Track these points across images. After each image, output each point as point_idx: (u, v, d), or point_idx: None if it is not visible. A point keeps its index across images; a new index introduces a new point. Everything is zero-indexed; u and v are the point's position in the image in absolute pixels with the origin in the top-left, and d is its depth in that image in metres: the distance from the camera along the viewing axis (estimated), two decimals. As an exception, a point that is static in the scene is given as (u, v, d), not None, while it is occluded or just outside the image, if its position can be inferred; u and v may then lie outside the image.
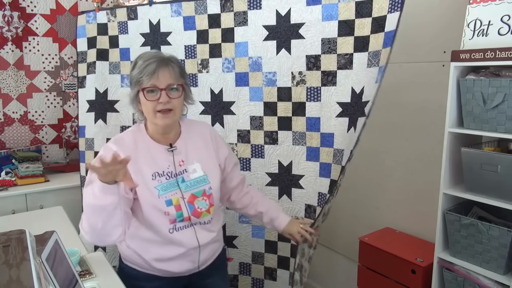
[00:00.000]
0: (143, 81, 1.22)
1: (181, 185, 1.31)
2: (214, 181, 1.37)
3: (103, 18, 2.10)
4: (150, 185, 1.28)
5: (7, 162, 2.48)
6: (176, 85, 1.25)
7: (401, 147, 2.08)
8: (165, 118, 1.25)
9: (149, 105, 1.24)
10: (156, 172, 1.30)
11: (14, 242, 0.81)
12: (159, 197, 1.27)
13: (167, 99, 1.22)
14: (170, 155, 1.32)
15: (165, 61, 1.24)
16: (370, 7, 1.49)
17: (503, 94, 1.42)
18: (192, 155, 1.36)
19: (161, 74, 1.21)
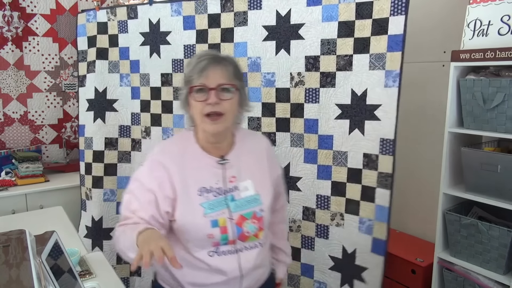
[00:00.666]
0: (193, 79, 1.10)
1: (230, 204, 1.15)
2: (266, 203, 1.20)
3: (103, 17, 2.10)
4: (195, 201, 1.12)
5: (7, 162, 2.48)
6: (229, 85, 1.09)
7: (401, 147, 2.08)
8: (214, 124, 1.09)
9: (197, 106, 1.10)
10: (203, 187, 1.14)
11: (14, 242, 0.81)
12: (205, 216, 1.11)
13: (216, 100, 1.07)
14: (220, 169, 1.16)
15: (218, 59, 1.11)
16: (370, 8, 1.48)
17: (503, 94, 1.42)
18: (245, 171, 1.19)
19: (211, 72, 1.08)
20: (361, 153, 1.57)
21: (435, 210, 1.68)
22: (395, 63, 1.46)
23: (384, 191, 1.54)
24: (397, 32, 1.44)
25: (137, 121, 2.08)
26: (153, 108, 2.02)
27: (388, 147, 1.52)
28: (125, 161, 2.11)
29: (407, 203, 2.12)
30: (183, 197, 1.12)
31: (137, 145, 2.09)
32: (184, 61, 1.92)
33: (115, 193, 2.12)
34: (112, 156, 2.11)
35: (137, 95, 2.07)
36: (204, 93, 1.08)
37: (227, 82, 1.09)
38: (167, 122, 1.99)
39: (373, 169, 1.55)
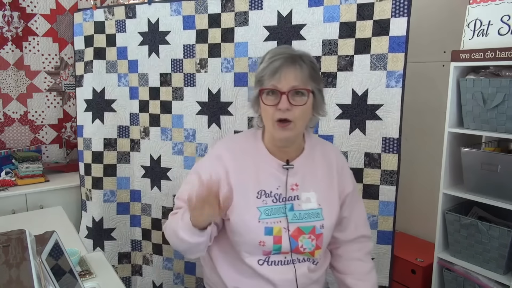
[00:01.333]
0: (264, 80, 1.03)
1: (288, 213, 1.07)
2: (329, 219, 1.10)
3: (101, 16, 2.09)
4: (252, 204, 1.06)
5: (7, 162, 2.48)
6: (303, 89, 1.01)
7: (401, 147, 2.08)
8: (283, 131, 1.02)
9: (267, 110, 1.03)
10: (263, 190, 1.07)
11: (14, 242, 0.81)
12: (259, 221, 1.05)
13: (288, 105, 0.99)
14: (283, 174, 1.09)
15: (293, 59, 1.02)
16: (371, 9, 1.50)
17: (503, 94, 1.42)
18: (310, 181, 1.11)
19: (284, 74, 1.00)
20: (362, 153, 1.58)
21: (435, 210, 1.68)
22: (398, 64, 1.47)
23: (389, 187, 1.56)
24: (399, 33, 1.46)
25: (135, 122, 2.08)
26: (152, 108, 2.02)
27: (392, 145, 1.53)
28: (124, 162, 2.11)
29: (407, 203, 2.12)
30: (240, 197, 1.06)
31: (136, 145, 2.09)
32: (184, 61, 1.91)
33: (115, 194, 2.12)
34: (111, 156, 2.11)
35: (136, 95, 2.07)
36: (275, 96, 1.01)
37: (300, 85, 1.01)
38: (166, 122, 1.99)
39: (375, 168, 1.56)
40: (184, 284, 2.05)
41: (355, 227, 1.19)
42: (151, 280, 2.13)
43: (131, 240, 2.14)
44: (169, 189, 2.00)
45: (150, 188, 2.06)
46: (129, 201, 2.12)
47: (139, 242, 2.13)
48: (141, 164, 2.07)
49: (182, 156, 1.96)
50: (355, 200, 1.20)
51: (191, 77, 1.91)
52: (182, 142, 1.96)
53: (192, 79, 1.91)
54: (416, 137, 2.06)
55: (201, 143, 1.91)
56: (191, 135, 1.93)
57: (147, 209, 2.08)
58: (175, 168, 1.98)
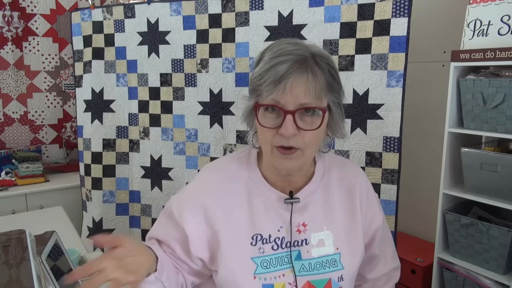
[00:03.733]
0: (262, 91, 0.73)
1: (295, 263, 0.80)
2: (350, 268, 0.83)
3: (99, 16, 2.09)
4: (245, 253, 0.80)
5: (7, 162, 2.48)
6: (316, 108, 0.73)
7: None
8: (286, 161, 0.75)
9: (265, 133, 0.76)
10: (259, 234, 0.81)
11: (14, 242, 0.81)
12: (255, 277, 0.78)
13: (294, 130, 0.71)
14: (286, 211, 0.82)
15: (305, 62, 0.72)
16: (372, 10, 1.51)
17: (503, 94, 1.42)
18: (323, 217, 0.84)
19: (291, 86, 0.70)
20: (363, 152, 1.58)
21: (435, 210, 1.68)
22: (398, 63, 1.48)
23: (390, 186, 1.56)
24: (399, 33, 1.46)
25: (135, 122, 2.08)
26: (152, 109, 2.02)
27: (393, 144, 1.53)
28: (123, 162, 2.11)
29: (407, 203, 2.12)
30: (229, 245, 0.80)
31: (135, 146, 2.09)
32: (184, 61, 1.91)
33: (114, 195, 2.12)
34: (110, 157, 2.11)
35: (135, 95, 2.06)
36: (276, 114, 0.73)
37: (313, 103, 0.72)
38: (166, 122, 1.99)
39: (377, 166, 1.57)
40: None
41: (385, 262, 0.96)
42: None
43: (131, 240, 2.14)
44: (171, 189, 2.00)
45: (150, 189, 2.06)
46: (128, 201, 2.12)
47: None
48: (140, 165, 2.07)
49: (184, 156, 1.96)
50: (384, 231, 0.94)
51: (192, 77, 1.91)
52: (184, 142, 1.96)
53: (193, 79, 1.91)
54: (416, 137, 2.06)
55: (203, 143, 1.92)
56: (193, 135, 1.93)
57: (147, 210, 2.08)
58: (177, 168, 1.98)
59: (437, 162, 1.67)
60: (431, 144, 1.97)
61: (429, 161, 2.01)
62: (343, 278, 0.82)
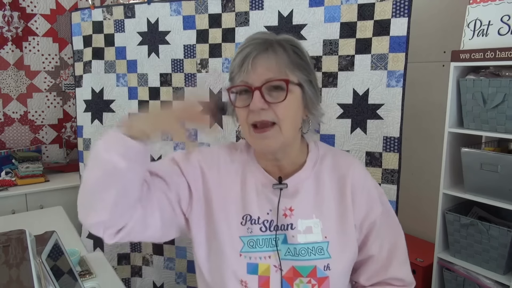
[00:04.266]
0: (234, 77, 0.81)
1: (281, 246, 0.81)
2: (338, 258, 0.81)
3: (99, 16, 2.09)
4: (235, 231, 0.82)
5: (7, 162, 2.48)
6: (279, 81, 0.75)
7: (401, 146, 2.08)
8: (264, 139, 0.77)
9: (240, 114, 0.80)
10: (249, 215, 0.83)
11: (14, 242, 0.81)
12: (241, 255, 0.81)
13: (262, 103, 0.75)
14: (275, 195, 0.83)
15: (264, 45, 0.78)
16: (372, 10, 1.51)
17: (503, 94, 1.42)
18: (312, 204, 0.84)
19: (254, 65, 0.76)
20: (363, 152, 1.58)
21: (435, 210, 1.68)
22: (398, 63, 1.48)
23: (390, 186, 1.56)
24: (399, 33, 1.46)
25: (135, 122, 2.08)
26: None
27: (393, 144, 1.53)
28: (124, 162, 2.11)
29: (407, 203, 2.12)
30: (220, 221, 0.83)
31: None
32: (184, 61, 1.91)
33: (114, 194, 2.12)
34: (111, 156, 2.11)
35: (135, 95, 2.06)
36: (248, 94, 0.77)
37: (277, 75, 0.75)
38: (167, 122, 1.99)
39: (377, 166, 1.57)
40: (186, 283, 2.05)
41: (387, 267, 0.87)
42: (152, 281, 2.13)
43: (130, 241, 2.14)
44: (170, 189, 2.00)
45: (150, 188, 2.06)
46: (129, 201, 2.12)
47: (139, 243, 2.13)
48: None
49: (184, 156, 1.96)
50: (388, 230, 0.88)
51: (192, 77, 1.91)
52: (184, 142, 1.95)
53: (193, 79, 1.91)
54: (416, 137, 2.06)
55: (203, 143, 1.92)
56: (193, 135, 1.93)
57: (147, 209, 2.08)
58: (176, 168, 1.98)
59: (437, 162, 1.67)
60: (431, 144, 1.97)
61: (429, 161, 2.00)
62: (330, 268, 0.80)
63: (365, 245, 0.87)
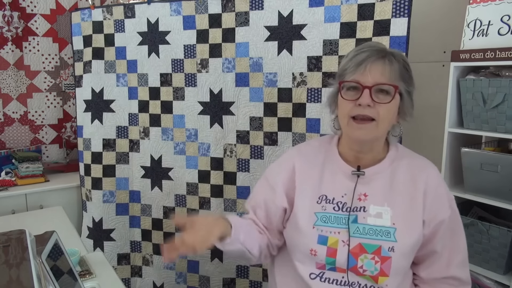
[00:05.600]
0: (346, 74, 0.92)
1: (351, 225, 0.93)
2: (403, 243, 0.91)
3: (99, 16, 2.09)
4: (310, 208, 0.97)
5: (7, 162, 2.48)
6: (388, 85, 0.88)
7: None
8: (360, 130, 0.89)
9: (344, 106, 0.91)
10: (324, 195, 0.97)
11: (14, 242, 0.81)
12: (314, 227, 0.95)
13: (369, 100, 0.87)
14: (352, 181, 0.96)
15: (382, 53, 0.90)
16: (372, 10, 1.51)
17: (503, 94, 1.42)
18: (385, 194, 0.95)
19: (370, 68, 0.88)
20: None
21: (435, 210, 1.68)
22: None
23: None
24: (399, 33, 1.46)
25: (135, 122, 2.08)
26: (152, 109, 2.02)
27: None
28: (123, 162, 2.11)
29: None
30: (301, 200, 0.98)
31: (135, 146, 2.09)
32: (185, 61, 1.91)
33: (114, 195, 2.12)
34: (110, 157, 2.11)
35: (135, 95, 2.06)
36: (356, 91, 0.89)
37: (387, 81, 0.88)
38: (166, 122, 1.99)
39: None
40: (186, 283, 2.05)
41: (447, 265, 0.96)
42: (152, 281, 2.13)
43: (130, 241, 2.14)
44: (171, 188, 2.00)
45: (150, 189, 2.06)
46: (128, 201, 2.12)
47: (139, 243, 2.13)
48: (140, 165, 2.07)
49: (184, 156, 1.96)
50: (453, 232, 0.97)
51: (192, 77, 1.91)
52: (184, 142, 1.96)
53: (193, 79, 1.91)
54: (416, 137, 2.06)
55: (203, 143, 1.92)
56: (193, 134, 1.94)
57: (147, 210, 2.08)
58: (177, 168, 1.98)
59: (437, 162, 1.66)
60: (431, 144, 1.97)
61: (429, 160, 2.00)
62: (394, 250, 0.89)
63: (431, 241, 0.95)
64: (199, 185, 1.94)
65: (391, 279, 0.90)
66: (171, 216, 2.01)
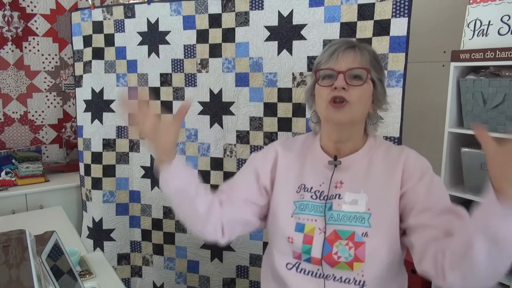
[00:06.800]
0: (321, 65, 0.97)
1: (327, 213, 0.95)
2: (377, 228, 0.91)
3: (99, 16, 2.09)
4: (290, 198, 1.00)
5: (7, 162, 2.48)
6: (360, 69, 0.93)
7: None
8: (337, 112, 0.92)
9: (321, 92, 0.95)
10: (303, 184, 1.01)
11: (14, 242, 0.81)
12: (292, 216, 0.98)
13: (344, 83, 0.91)
14: (329, 170, 0.99)
15: (353, 43, 0.97)
16: (372, 10, 1.51)
17: (503, 94, 1.42)
18: (361, 181, 0.96)
19: (342, 56, 0.93)
20: None
21: (435, 210, 1.68)
22: (399, 63, 1.48)
23: None
24: (399, 33, 1.46)
25: (135, 122, 2.08)
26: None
27: None
28: (123, 162, 2.11)
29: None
30: (280, 190, 1.02)
31: (135, 146, 2.09)
32: (185, 61, 1.91)
33: (114, 195, 2.12)
34: (110, 157, 2.11)
35: (135, 95, 2.06)
36: (331, 79, 0.94)
37: (359, 66, 0.93)
38: (167, 122, 1.99)
39: None
40: (186, 283, 2.05)
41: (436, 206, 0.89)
42: (152, 281, 2.13)
43: (130, 241, 2.14)
44: (170, 189, 2.00)
45: (150, 189, 2.06)
46: (128, 201, 2.12)
47: (139, 243, 2.13)
48: (140, 165, 2.07)
49: (184, 155, 1.96)
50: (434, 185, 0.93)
51: (192, 77, 1.91)
52: (184, 142, 1.96)
53: (193, 79, 1.91)
54: (416, 137, 2.06)
55: (203, 143, 1.92)
56: (193, 134, 1.94)
57: (147, 210, 2.08)
58: (176, 168, 1.98)
59: (437, 162, 1.67)
60: (431, 144, 1.97)
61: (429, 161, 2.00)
62: (368, 235, 0.91)
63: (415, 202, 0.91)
64: (199, 185, 1.94)
65: (367, 266, 0.90)
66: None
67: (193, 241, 1.98)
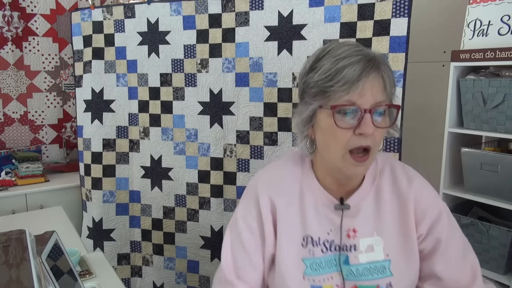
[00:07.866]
0: (334, 92, 0.72)
1: (343, 267, 0.81)
2: (399, 275, 0.81)
3: (99, 16, 2.09)
4: (298, 255, 0.82)
5: (7, 162, 2.48)
6: (388, 106, 0.74)
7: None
8: (358, 167, 0.75)
9: (338, 136, 0.73)
10: (309, 236, 0.82)
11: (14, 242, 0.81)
12: (304, 278, 0.81)
13: (372, 128, 0.71)
14: (337, 216, 0.83)
15: (374, 62, 0.72)
16: (372, 10, 1.51)
17: (503, 94, 1.42)
18: (373, 223, 0.83)
19: (367, 85, 0.71)
20: None
21: (435, 210, 1.68)
22: (399, 63, 1.48)
23: None
24: (399, 33, 1.47)
25: (135, 122, 2.08)
26: (152, 109, 2.02)
27: (393, 144, 1.53)
28: (123, 162, 2.11)
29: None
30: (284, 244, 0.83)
31: (135, 146, 2.09)
32: (185, 61, 1.91)
33: (114, 195, 2.12)
34: (110, 157, 2.11)
35: (135, 95, 2.06)
36: (352, 116, 0.72)
37: (386, 101, 0.73)
38: (166, 122, 1.99)
39: None
40: (186, 283, 2.05)
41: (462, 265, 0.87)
42: (152, 281, 2.13)
43: (130, 241, 2.14)
44: (171, 188, 2.00)
45: (150, 189, 2.06)
46: (128, 201, 2.12)
47: (139, 243, 2.13)
48: (140, 165, 2.07)
49: (184, 156, 1.96)
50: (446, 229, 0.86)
51: (192, 77, 1.91)
52: (184, 142, 1.96)
53: (193, 79, 1.91)
54: (416, 137, 2.06)
55: (203, 143, 1.92)
56: (193, 135, 1.94)
57: (147, 210, 2.08)
58: (177, 168, 1.98)
59: (437, 162, 1.67)
60: (431, 144, 1.97)
61: (429, 161, 2.00)
62: (392, 285, 0.80)
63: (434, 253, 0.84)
64: (199, 185, 1.94)
65: None
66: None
67: (193, 241, 1.99)
